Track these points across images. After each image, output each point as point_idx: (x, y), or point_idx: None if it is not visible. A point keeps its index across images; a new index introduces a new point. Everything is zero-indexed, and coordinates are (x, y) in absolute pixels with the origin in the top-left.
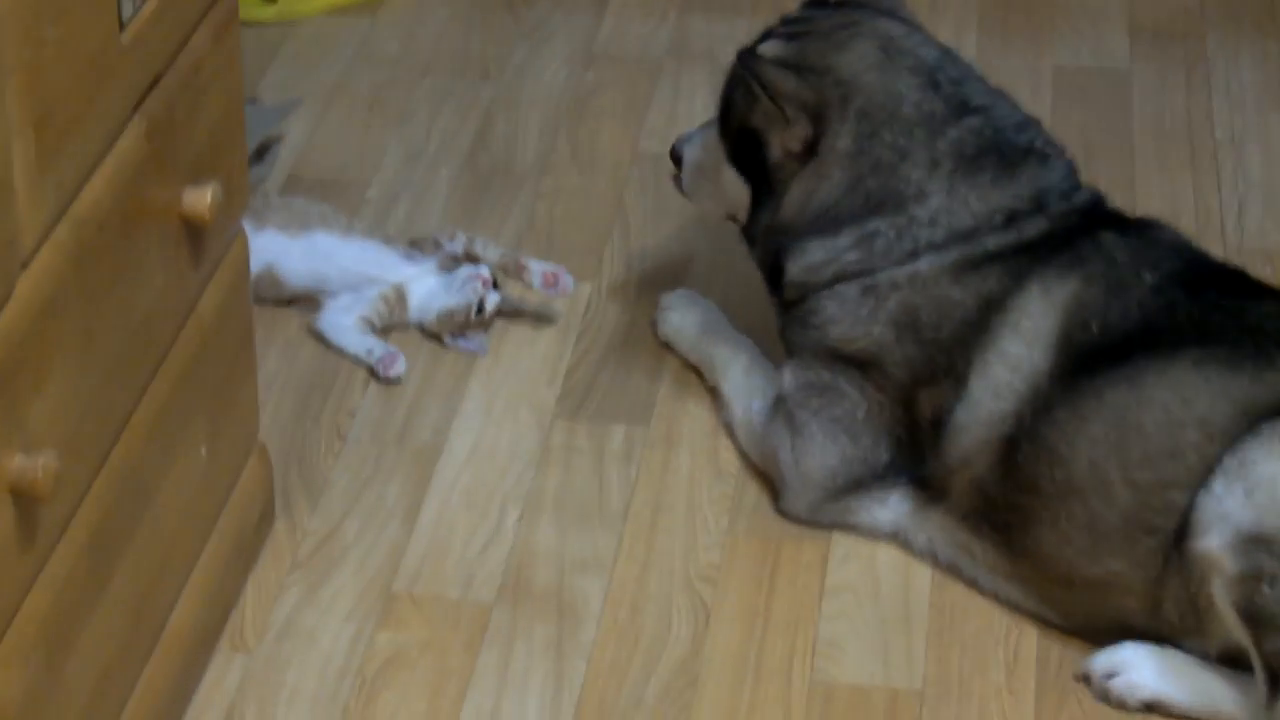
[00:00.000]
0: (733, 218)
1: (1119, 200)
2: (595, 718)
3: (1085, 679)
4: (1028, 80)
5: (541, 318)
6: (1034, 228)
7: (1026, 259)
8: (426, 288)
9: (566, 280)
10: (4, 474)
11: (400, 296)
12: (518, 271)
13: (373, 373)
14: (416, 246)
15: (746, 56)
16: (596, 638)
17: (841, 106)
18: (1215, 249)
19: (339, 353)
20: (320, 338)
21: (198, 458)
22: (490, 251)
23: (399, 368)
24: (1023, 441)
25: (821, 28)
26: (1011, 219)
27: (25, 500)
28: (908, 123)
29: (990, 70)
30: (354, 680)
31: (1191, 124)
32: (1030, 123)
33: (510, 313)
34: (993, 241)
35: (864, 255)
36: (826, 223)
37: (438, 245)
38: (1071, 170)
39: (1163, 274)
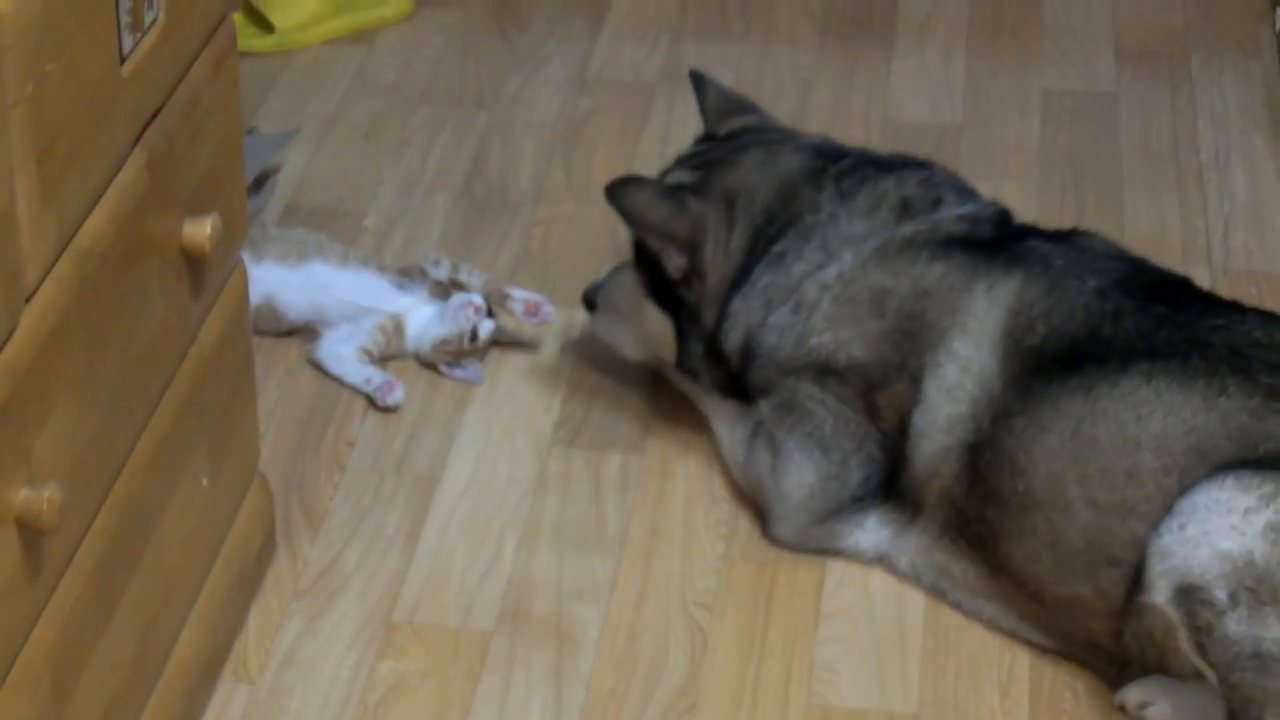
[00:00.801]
0: (658, 359)
1: (1107, 221)
2: None
3: (1121, 708)
4: (1016, 103)
5: (538, 344)
6: (945, 217)
7: (961, 253)
8: (422, 317)
9: (548, 309)
10: (9, 507)
11: (397, 326)
12: (500, 300)
13: (371, 401)
14: (406, 275)
15: (613, 189)
16: (595, 664)
17: (727, 216)
18: (1201, 270)
19: (338, 382)
20: (319, 368)
21: (199, 488)
22: (474, 278)
23: (397, 396)
24: (984, 450)
25: (717, 154)
26: (906, 207)
27: (31, 532)
28: (791, 180)
29: (979, 94)
30: (356, 709)
31: (1177, 145)
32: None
33: (504, 341)
34: (908, 229)
35: (780, 275)
36: (737, 283)
37: (424, 273)
38: (964, 186)
39: (1106, 279)
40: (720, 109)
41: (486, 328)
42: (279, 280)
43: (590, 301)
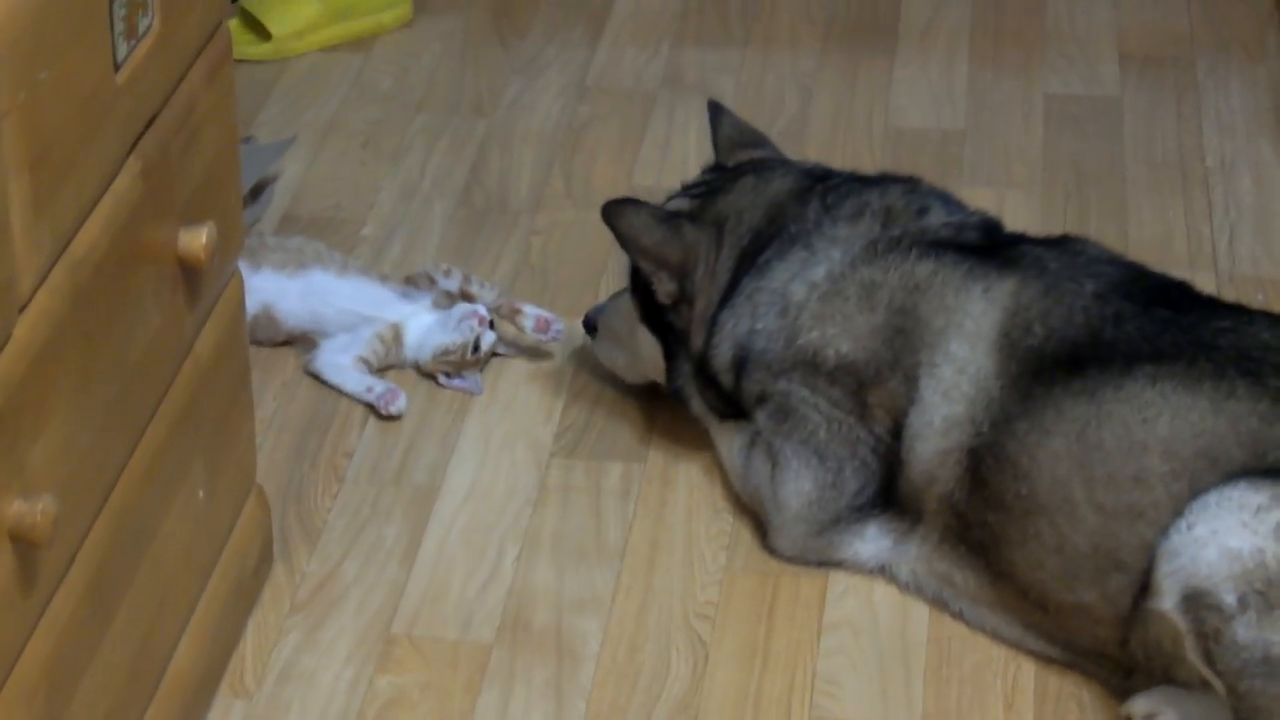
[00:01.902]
0: (655, 382)
1: (1111, 227)
2: None
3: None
4: (1019, 108)
5: (537, 355)
6: (931, 223)
7: (952, 253)
8: (422, 326)
9: (559, 327)
10: (2, 519)
11: (396, 335)
12: (511, 315)
13: (373, 410)
14: (412, 283)
15: (609, 210)
16: (596, 677)
17: (716, 239)
18: (1207, 276)
19: (336, 391)
20: (316, 377)
21: (196, 500)
22: (486, 292)
23: (400, 404)
24: (985, 455)
25: (718, 183)
26: (889, 214)
27: (25, 545)
28: (779, 200)
29: (981, 100)
30: None
31: (1182, 151)
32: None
33: (505, 352)
34: (895, 230)
35: (766, 280)
36: (724, 301)
37: (432, 281)
38: (951, 198)
39: (1104, 283)
40: (732, 140)
41: (489, 339)
42: (278, 289)
43: (590, 325)
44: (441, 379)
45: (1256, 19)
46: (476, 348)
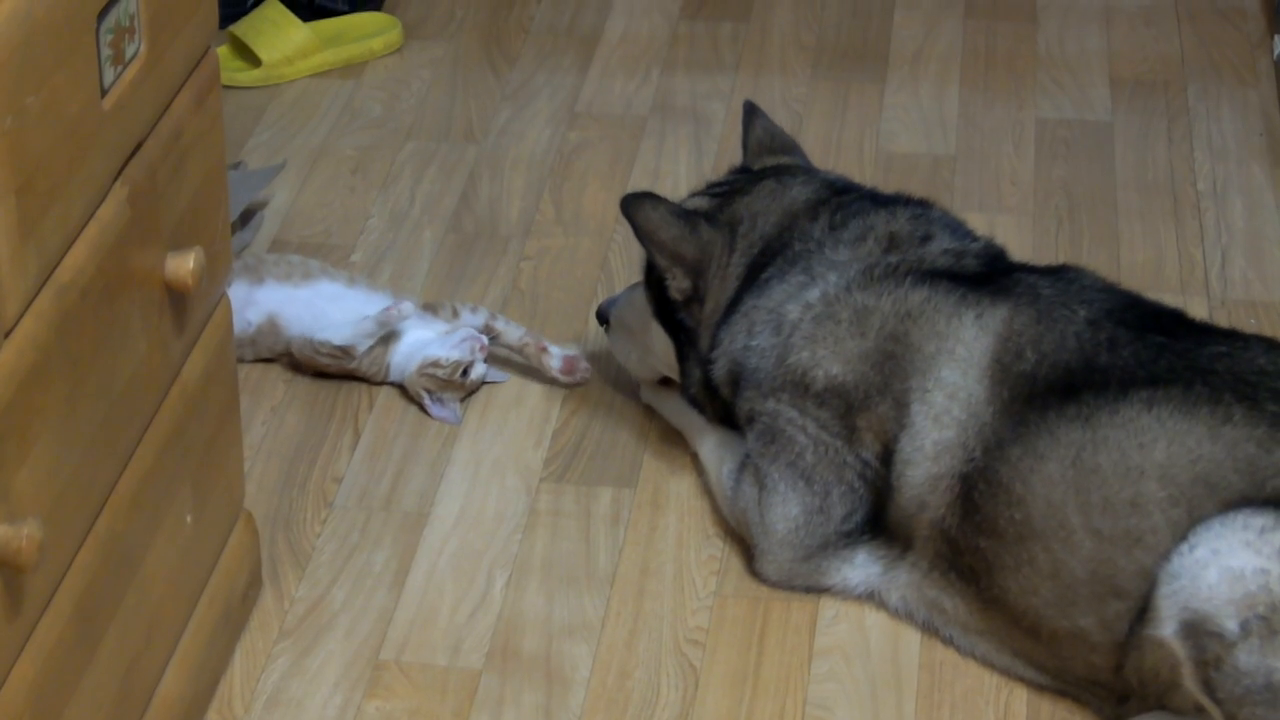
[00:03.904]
0: (654, 393)
1: (1103, 251)
2: None
3: None
4: (1010, 134)
5: (526, 374)
6: (932, 250)
7: (946, 281)
8: (420, 338)
9: (585, 365)
10: None
11: (390, 335)
12: (538, 354)
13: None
14: (430, 310)
15: (629, 202)
16: (586, 703)
17: (730, 242)
18: (1199, 300)
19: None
20: (322, 348)
21: (183, 525)
22: (511, 330)
23: (405, 309)
24: (977, 480)
25: (740, 185)
26: (892, 240)
27: (10, 570)
28: (793, 211)
29: (972, 125)
30: None
31: (1174, 175)
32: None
33: (494, 379)
34: (893, 258)
35: (762, 299)
36: (727, 313)
37: (456, 313)
38: (960, 225)
39: (1096, 310)
40: (762, 144)
41: (480, 370)
42: (283, 298)
43: (602, 317)
44: (425, 402)
45: (1247, 43)
46: (466, 372)
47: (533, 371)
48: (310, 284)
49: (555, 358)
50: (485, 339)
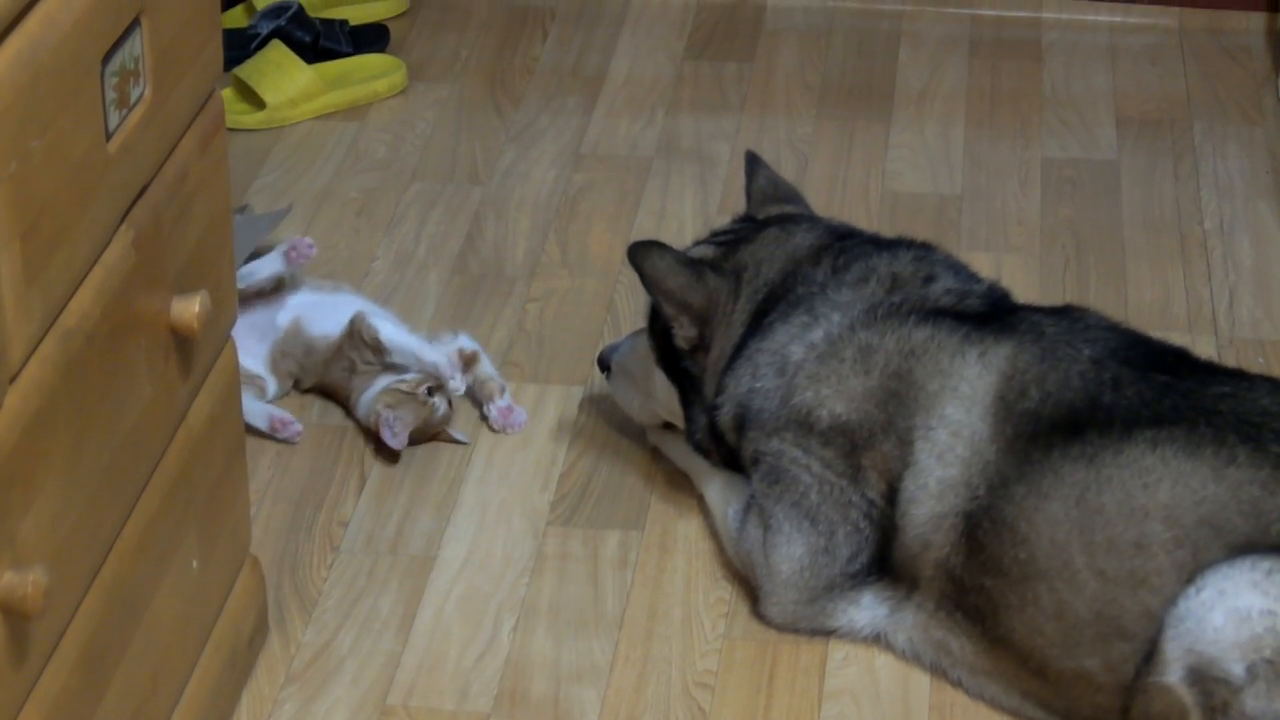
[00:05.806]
0: (659, 437)
1: (1110, 291)
2: None
3: None
4: (1016, 173)
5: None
6: (935, 290)
7: (950, 320)
8: (407, 338)
9: (518, 424)
10: None
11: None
12: (491, 392)
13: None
14: (435, 338)
15: (635, 251)
16: None
17: (734, 290)
18: (1207, 339)
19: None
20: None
21: (189, 570)
22: (485, 366)
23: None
24: (982, 519)
25: (745, 233)
26: (895, 281)
27: (15, 617)
28: (796, 257)
29: (978, 164)
30: None
31: (1181, 214)
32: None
33: (427, 434)
34: (896, 297)
35: (767, 341)
36: (733, 358)
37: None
38: (962, 267)
39: (1101, 348)
40: (765, 193)
41: (441, 410)
42: (312, 302)
43: (604, 364)
44: (381, 414)
45: (1253, 82)
46: (430, 392)
47: (541, 414)
48: (341, 293)
49: (498, 405)
50: (459, 377)
